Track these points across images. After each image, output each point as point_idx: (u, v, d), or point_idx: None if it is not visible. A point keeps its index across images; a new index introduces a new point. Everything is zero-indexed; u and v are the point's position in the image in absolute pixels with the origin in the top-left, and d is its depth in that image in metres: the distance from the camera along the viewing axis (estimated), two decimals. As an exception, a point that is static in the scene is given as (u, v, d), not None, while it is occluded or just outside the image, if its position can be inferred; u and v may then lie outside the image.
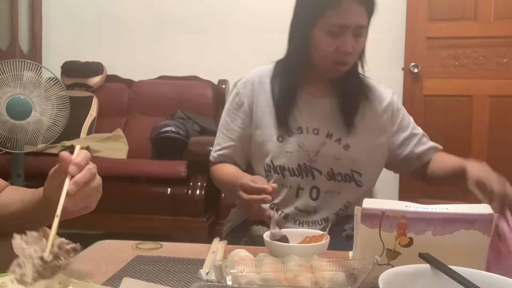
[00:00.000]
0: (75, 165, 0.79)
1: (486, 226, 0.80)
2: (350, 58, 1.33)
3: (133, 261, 1.01)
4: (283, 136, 1.38)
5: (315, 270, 0.77)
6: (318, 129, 1.38)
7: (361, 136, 1.39)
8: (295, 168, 1.37)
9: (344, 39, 1.29)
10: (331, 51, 1.31)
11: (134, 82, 3.79)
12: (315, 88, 1.42)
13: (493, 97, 3.44)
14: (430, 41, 3.48)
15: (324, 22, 1.29)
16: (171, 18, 3.87)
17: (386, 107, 1.44)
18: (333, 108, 1.40)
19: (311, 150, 1.36)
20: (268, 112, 1.40)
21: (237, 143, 1.44)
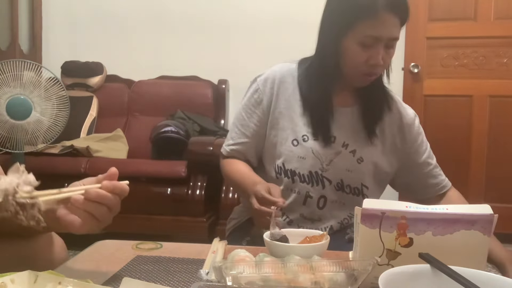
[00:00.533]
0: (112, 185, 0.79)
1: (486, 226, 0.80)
2: (380, 69, 1.31)
3: (133, 261, 1.01)
4: (298, 140, 1.35)
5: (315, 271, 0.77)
6: (335, 137, 1.35)
7: (376, 150, 1.37)
8: (306, 175, 1.34)
9: (375, 51, 1.25)
10: (362, 62, 1.27)
11: (134, 82, 3.79)
12: (339, 97, 1.38)
13: (493, 97, 3.44)
14: (430, 41, 3.48)
15: (357, 32, 1.24)
16: (171, 18, 3.87)
17: (409, 125, 1.41)
18: (354, 117, 1.37)
19: (324, 158, 1.34)
20: (286, 114, 1.37)
21: (251, 140, 1.41)
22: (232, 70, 3.68)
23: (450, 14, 3.44)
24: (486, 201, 2.76)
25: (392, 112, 1.40)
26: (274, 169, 1.38)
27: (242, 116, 1.42)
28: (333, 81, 1.35)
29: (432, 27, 3.47)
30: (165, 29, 3.89)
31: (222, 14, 3.80)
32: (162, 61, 3.87)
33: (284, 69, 1.41)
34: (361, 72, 1.29)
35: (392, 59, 1.33)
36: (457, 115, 3.48)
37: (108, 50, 3.91)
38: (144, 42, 3.91)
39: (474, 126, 3.46)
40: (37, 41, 3.96)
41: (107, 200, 0.79)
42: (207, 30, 3.83)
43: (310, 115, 1.35)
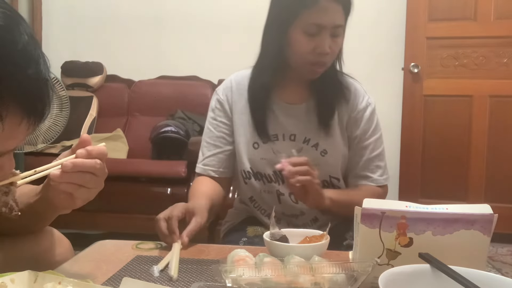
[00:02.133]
0: (86, 151, 0.78)
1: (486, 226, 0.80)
2: (328, 58, 1.30)
3: (133, 261, 1.01)
4: (258, 143, 1.36)
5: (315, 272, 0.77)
6: (295, 135, 1.36)
7: (338, 140, 1.38)
8: (271, 175, 1.36)
9: (321, 39, 1.26)
10: (308, 51, 1.27)
11: (134, 82, 3.79)
12: (291, 94, 1.39)
13: (493, 97, 3.44)
14: (430, 41, 3.48)
15: (301, 21, 1.26)
16: (171, 18, 3.87)
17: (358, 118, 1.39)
18: (310, 112, 1.37)
19: (286, 157, 1.31)
20: (244, 119, 1.39)
21: (223, 149, 1.41)
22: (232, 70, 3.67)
23: (450, 14, 3.44)
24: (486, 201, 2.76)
25: (347, 101, 1.39)
26: (242, 176, 1.39)
27: (209, 129, 1.44)
28: (276, 75, 1.35)
29: (432, 27, 3.47)
30: (165, 29, 3.89)
31: (222, 14, 3.80)
32: (162, 61, 3.86)
33: (239, 76, 1.44)
34: (309, 61, 1.29)
35: (340, 47, 1.32)
36: (457, 115, 3.48)
37: (108, 50, 3.91)
38: (144, 42, 3.91)
39: (474, 126, 3.46)
40: (37, 41, 3.95)
41: (87, 167, 0.78)
42: (207, 30, 3.83)
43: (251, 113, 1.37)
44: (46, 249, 0.95)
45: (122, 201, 2.92)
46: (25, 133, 0.71)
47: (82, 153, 0.78)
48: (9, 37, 0.66)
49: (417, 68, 3.48)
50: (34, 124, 0.71)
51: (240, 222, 1.46)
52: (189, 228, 1.13)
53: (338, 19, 1.26)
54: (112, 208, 2.84)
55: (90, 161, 0.78)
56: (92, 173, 0.78)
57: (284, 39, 1.30)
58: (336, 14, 1.26)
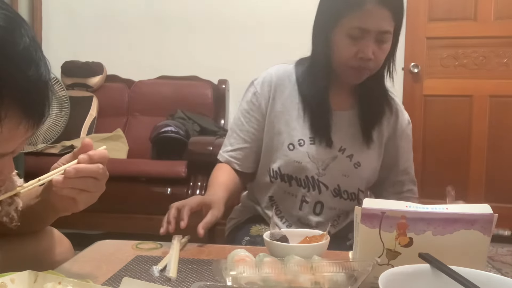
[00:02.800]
0: (88, 156, 0.78)
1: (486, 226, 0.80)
2: (371, 64, 1.25)
3: (133, 261, 1.01)
4: (294, 145, 1.33)
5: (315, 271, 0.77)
6: (332, 142, 1.32)
7: (374, 155, 1.36)
8: (303, 179, 1.33)
9: (364, 43, 1.22)
10: (351, 55, 1.24)
11: (134, 82, 3.79)
12: (335, 99, 1.35)
13: (493, 97, 3.44)
14: (430, 41, 3.48)
15: (345, 24, 1.23)
16: (171, 18, 3.87)
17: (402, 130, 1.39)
18: (351, 121, 1.35)
19: (320, 163, 1.32)
20: (281, 117, 1.35)
21: (251, 145, 1.38)
22: (232, 70, 3.68)
23: (450, 14, 3.44)
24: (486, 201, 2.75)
25: (392, 115, 1.38)
26: (269, 173, 1.36)
27: (241, 121, 1.39)
28: (328, 81, 1.32)
29: (432, 27, 3.47)
30: (165, 29, 3.89)
31: (222, 14, 3.80)
32: (162, 61, 3.86)
33: (281, 71, 1.39)
34: (351, 66, 1.26)
35: (386, 55, 1.29)
36: (457, 115, 3.48)
37: (108, 50, 3.91)
38: (144, 42, 3.91)
39: (474, 126, 3.46)
40: (37, 41, 3.95)
41: (89, 172, 0.78)
42: (207, 30, 3.83)
43: (309, 118, 1.33)
44: (47, 248, 0.95)
45: (122, 201, 2.92)
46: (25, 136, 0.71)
47: (84, 159, 0.78)
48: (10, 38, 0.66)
49: (417, 68, 3.48)
50: (33, 127, 0.71)
51: (245, 221, 1.45)
52: (205, 221, 1.15)
53: (384, 24, 1.22)
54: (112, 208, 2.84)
55: (92, 166, 0.78)
56: (94, 178, 0.79)
57: (329, 40, 1.27)
58: (383, 19, 1.22)
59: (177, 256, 1.01)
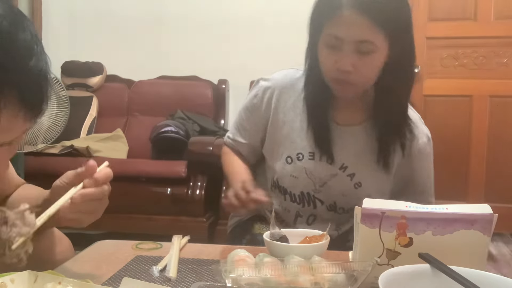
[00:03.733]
0: (94, 180, 0.79)
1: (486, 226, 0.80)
2: (352, 78, 1.14)
3: (133, 261, 1.01)
4: (292, 158, 1.26)
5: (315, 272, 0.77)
6: (333, 159, 1.24)
7: (380, 176, 1.25)
8: (297, 195, 1.28)
9: (342, 54, 1.12)
10: (329, 66, 1.15)
11: (134, 82, 3.79)
12: (342, 113, 1.27)
13: (493, 97, 3.44)
14: (430, 41, 3.48)
15: (324, 32, 1.15)
16: (171, 18, 3.87)
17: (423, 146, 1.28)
18: (359, 137, 1.25)
19: (318, 179, 1.25)
20: (283, 128, 1.29)
21: (246, 142, 1.36)
22: (232, 70, 3.68)
23: (450, 14, 3.44)
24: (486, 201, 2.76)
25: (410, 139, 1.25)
26: (270, 182, 1.33)
27: (242, 116, 1.37)
28: (328, 93, 1.23)
29: (432, 27, 3.47)
30: (165, 29, 3.89)
31: (222, 14, 3.80)
32: (162, 61, 3.86)
33: (287, 79, 1.31)
34: (331, 77, 1.17)
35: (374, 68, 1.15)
36: (457, 115, 3.48)
37: (108, 50, 3.91)
38: (144, 42, 3.91)
39: (474, 126, 3.46)
40: (37, 41, 3.95)
41: (95, 196, 0.80)
42: (207, 30, 3.83)
43: (310, 131, 1.26)
44: (47, 248, 0.95)
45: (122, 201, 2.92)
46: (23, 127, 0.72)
47: (90, 183, 0.79)
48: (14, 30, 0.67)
49: (417, 68, 3.47)
50: (31, 119, 0.71)
51: (247, 219, 1.41)
52: None
53: (362, 34, 1.10)
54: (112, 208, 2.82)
55: (98, 190, 0.80)
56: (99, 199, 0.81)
57: (316, 50, 1.19)
58: (360, 28, 1.10)
59: (177, 256, 1.01)
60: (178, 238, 1.12)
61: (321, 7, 1.17)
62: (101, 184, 0.80)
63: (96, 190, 0.80)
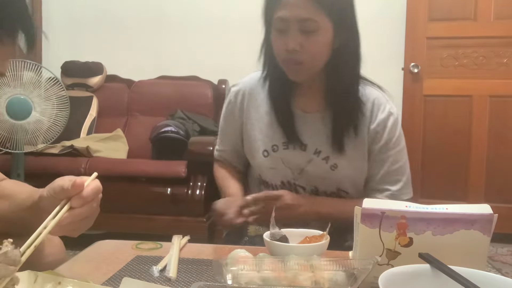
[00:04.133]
0: (81, 199, 0.76)
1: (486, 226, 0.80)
2: (300, 56, 1.21)
3: (133, 261, 1.01)
4: (268, 151, 1.33)
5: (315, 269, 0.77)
6: (306, 145, 1.30)
7: (351, 155, 1.30)
8: (278, 185, 1.33)
9: (288, 35, 1.20)
10: (279, 49, 1.23)
11: (134, 82, 3.79)
12: (307, 101, 1.32)
13: (493, 97, 3.44)
14: (430, 41, 3.48)
15: (274, 18, 1.23)
16: (171, 18, 3.87)
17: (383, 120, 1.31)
18: (324, 123, 1.30)
19: (295, 167, 1.31)
20: (256, 125, 1.36)
21: (230, 148, 1.45)
22: (232, 70, 3.68)
23: (450, 14, 3.44)
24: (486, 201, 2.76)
25: (365, 116, 1.30)
26: (257, 180, 1.39)
27: (221, 125, 1.47)
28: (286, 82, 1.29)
29: (432, 27, 3.47)
30: (165, 29, 3.89)
31: (223, 14, 3.80)
32: (162, 61, 3.86)
33: (254, 80, 1.39)
34: (282, 60, 1.24)
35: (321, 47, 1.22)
36: (457, 115, 3.48)
37: (108, 50, 3.91)
38: (144, 42, 3.91)
39: (474, 126, 3.46)
40: (37, 41, 3.95)
41: (82, 216, 0.78)
42: (207, 30, 3.83)
43: (277, 123, 1.32)
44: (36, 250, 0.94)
45: (122, 201, 2.93)
46: None
47: (78, 203, 0.76)
48: None
49: (417, 68, 3.48)
50: (3, 40, 0.70)
51: None
52: None
53: (303, 12, 1.18)
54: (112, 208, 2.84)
55: (86, 209, 0.77)
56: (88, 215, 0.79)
57: (269, 40, 1.28)
58: (300, 7, 1.18)
59: (177, 256, 1.01)
60: (178, 238, 1.12)
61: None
62: (90, 200, 0.77)
63: (83, 209, 0.77)
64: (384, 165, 1.31)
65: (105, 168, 2.98)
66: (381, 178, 1.31)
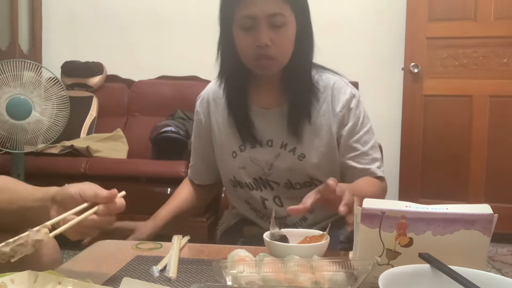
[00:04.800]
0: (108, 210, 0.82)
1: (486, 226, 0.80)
2: (271, 51, 1.21)
3: (133, 261, 1.01)
4: (236, 152, 1.33)
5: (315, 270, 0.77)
6: (272, 140, 1.31)
7: (315, 142, 1.30)
8: (252, 182, 1.34)
9: (257, 31, 1.19)
10: (248, 46, 1.22)
11: (134, 82, 3.79)
12: (266, 97, 1.33)
13: (493, 97, 3.44)
14: (430, 41, 3.48)
15: (236, 17, 1.22)
16: (171, 18, 3.87)
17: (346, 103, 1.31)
18: (284, 116, 1.31)
19: (264, 163, 1.31)
20: (222, 129, 1.36)
21: (202, 160, 1.44)
22: (232, 70, 3.68)
23: (450, 14, 3.44)
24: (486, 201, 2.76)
25: (320, 102, 1.30)
26: (231, 184, 1.38)
27: (193, 138, 1.47)
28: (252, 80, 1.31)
29: (432, 27, 3.47)
30: (165, 29, 3.89)
31: (222, 14, 3.80)
32: (162, 61, 3.87)
33: (216, 85, 1.41)
34: (252, 57, 1.23)
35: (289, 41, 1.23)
36: (457, 115, 3.48)
37: (108, 50, 3.91)
38: (144, 42, 3.91)
39: (474, 126, 3.46)
40: (37, 41, 3.96)
41: (101, 225, 0.83)
42: (207, 30, 3.82)
43: (236, 123, 1.33)
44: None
45: (122, 201, 2.92)
46: None
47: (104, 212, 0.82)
48: None
49: (417, 68, 3.48)
50: None
51: (235, 223, 1.45)
52: None
53: (270, 7, 1.19)
54: (112, 208, 2.84)
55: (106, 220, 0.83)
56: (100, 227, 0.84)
57: (231, 38, 1.26)
58: (267, 2, 1.19)
59: (177, 256, 1.01)
60: (178, 238, 1.12)
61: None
62: (113, 213, 0.83)
63: (104, 219, 0.82)
64: (359, 147, 1.31)
65: (105, 168, 2.98)
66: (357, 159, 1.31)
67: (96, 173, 2.94)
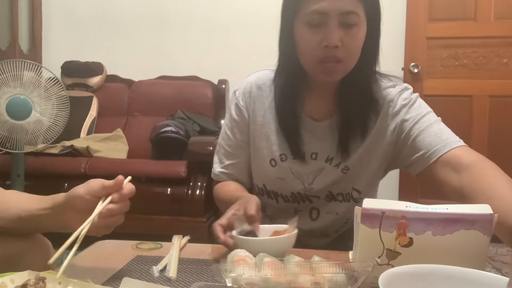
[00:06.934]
0: (121, 195, 0.85)
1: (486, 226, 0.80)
2: (340, 53, 1.08)
3: (133, 261, 1.01)
4: (276, 160, 1.22)
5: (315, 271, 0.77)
6: (316, 154, 1.21)
7: (364, 159, 1.21)
8: (289, 196, 1.24)
9: (327, 29, 1.06)
10: (314, 46, 1.08)
11: (134, 82, 3.79)
12: (317, 108, 1.21)
13: (493, 97, 3.44)
14: (430, 41, 3.48)
15: (303, 11, 1.08)
16: (171, 18, 3.87)
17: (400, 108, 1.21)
18: (333, 130, 1.20)
19: (305, 178, 1.22)
20: (262, 131, 1.24)
21: (241, 159, 1.29)
22: (232, 70, 3.68)
23: (450, 14, 3.44)
24: (486, 201, 2.76)
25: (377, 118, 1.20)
26: (255, 190, 1.29)
27: (228, 135, 1.29)
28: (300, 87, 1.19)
29: (432, 27, 3.47)
30: (165, 29, 3.89)
31: (222, 14, 3.80)
32: (162, 61, 3.87)
33: (261, 80, 1.26)
34: (317, 59, 1.09)
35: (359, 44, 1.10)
36: (457, 115, 3.48)
37: (108, 50, 3.91)
38: (144, 42, 3.91)
39: (474, 126, 3.46)
40: (37, 41, 3.96)
41: (120, 211, 0.86)
42: (207, 30, 3.83)
43: (283, 133, 1.21)
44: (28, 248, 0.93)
45: (122, 201, 2.92)
46: None
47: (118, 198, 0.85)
48: None
49: (417, 68, 3.48)
50: None
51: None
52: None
53: (345, 4, 1.06)
54: (112, 208, 2.84)
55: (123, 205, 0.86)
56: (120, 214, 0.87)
57: (292, 37, 1.12)
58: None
59: (177, 256, 1.01)
60: (178, 238, 1.12)
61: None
62: (126, 199, 0.85)
63: (120, 205, 0.85)
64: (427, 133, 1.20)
65: (105, 168, 2.98)
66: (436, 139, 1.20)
67: (96, 173, 2.94)
